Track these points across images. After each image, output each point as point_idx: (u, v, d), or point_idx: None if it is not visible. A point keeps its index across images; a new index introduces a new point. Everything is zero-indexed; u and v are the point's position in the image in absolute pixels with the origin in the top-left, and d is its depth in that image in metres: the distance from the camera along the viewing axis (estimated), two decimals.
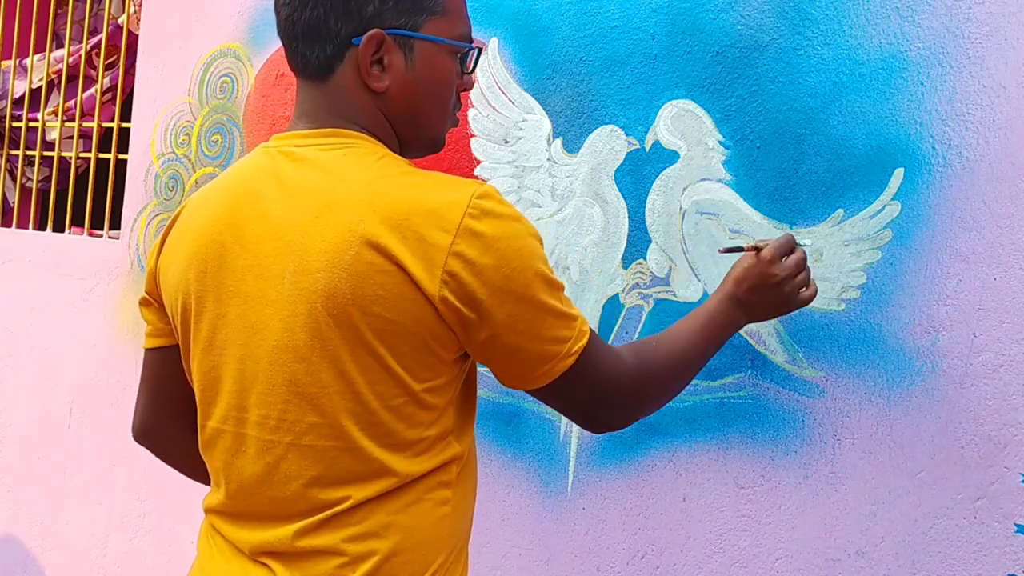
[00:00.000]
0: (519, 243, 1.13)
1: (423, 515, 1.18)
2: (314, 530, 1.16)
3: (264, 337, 1.17)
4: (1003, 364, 1.55)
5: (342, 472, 1.16)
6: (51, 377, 2.98)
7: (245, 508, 1.21)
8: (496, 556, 2.06)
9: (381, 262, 1.10)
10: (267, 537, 1.18)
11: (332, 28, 1.18)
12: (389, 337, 1.12)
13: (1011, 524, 1.54)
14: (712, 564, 1.81)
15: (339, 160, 1.18)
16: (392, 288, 1.10)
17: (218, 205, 1.23)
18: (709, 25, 1.85)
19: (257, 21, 2.59)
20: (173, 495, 2.64)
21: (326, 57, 1.20)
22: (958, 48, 1.61)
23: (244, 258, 1.19)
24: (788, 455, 1.74)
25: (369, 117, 1.22)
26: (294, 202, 1.16)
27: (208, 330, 1.21)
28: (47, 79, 3.25)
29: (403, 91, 1.21)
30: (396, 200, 1.12)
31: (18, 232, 3.22)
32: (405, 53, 1.20)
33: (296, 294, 1.14)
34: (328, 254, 1.12)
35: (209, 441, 1.25)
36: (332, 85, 1.21)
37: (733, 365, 1.79)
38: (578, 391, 1.20)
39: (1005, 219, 1.56)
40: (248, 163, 1.26)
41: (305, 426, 1.16)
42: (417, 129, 1.25)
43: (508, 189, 2.09)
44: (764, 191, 1.78)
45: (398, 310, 1.11)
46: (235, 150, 2.60)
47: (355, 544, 1.15)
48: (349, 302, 1.11)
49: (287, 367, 1.15)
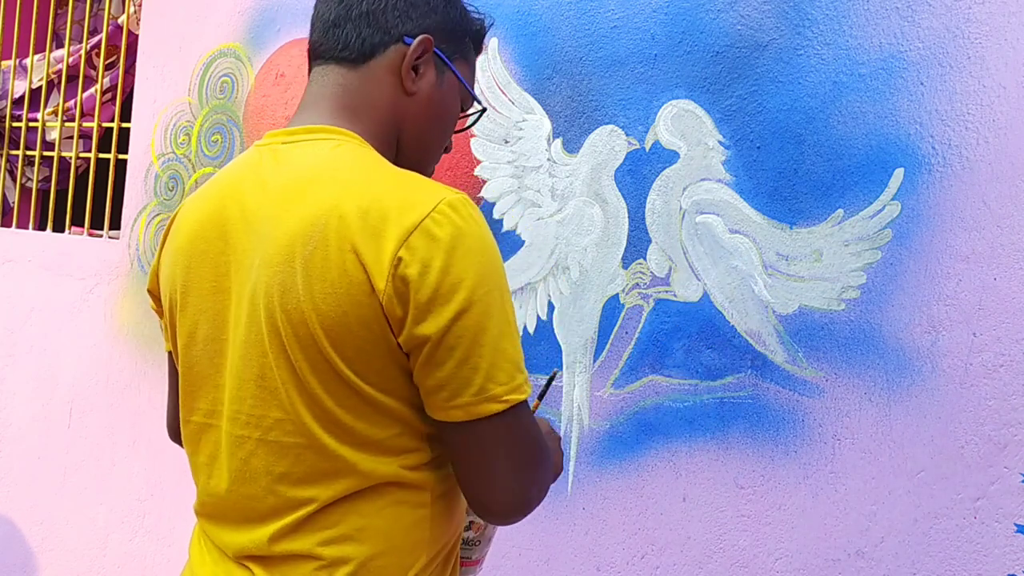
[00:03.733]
0: (476, 257, 1.09)
1: (398, 518, 1.17)
2: (288, 534, 1.16)
3: (237, 332, 1.18)
4: (1003, 364, 1.55)
5: (307, 469, 1.15)
6: (51, 377, 2.98)
7: (224, 507, 1.22)
8: (496, 556, 2.06)
9: (338, 258, 1.09)
10: (245, 540, 1.19)
11: (390, 20, 1.23)
12: (335, 336, 1.10)
13: (1011, 524, 1.54)
14: (712, 564, 1.81)
15: (319, 153, 1.19)
16: (342, 285, 1.09)
17: (207, 202, 1.25)
18: (709, 25, 1.85)
19: (257, 21, 2.59)
20: (173, 495, 2.64)
21: (373, 43, 1.23)
22: (958, 48, 1.61)
23: (226, 254, 1.20)
24: (788, 455, 1.74)
25: (382, 112, 1.24)
26: (268, 196, 1.18)
27: (191, 325, 1.23)
28: (47, 79, 3.25)
29: (425, 102, 1.25)
30: (364, 194, 1.11)
31: (18, 232, 3.22)
32: (438, 73, 1.25)
33: (260, 287, 1.15)
34: (287, 247, 1.12)
35: (193, 436, 1.26)
36: (364, 71, 1.23)
37: (733, 365, 1.79)
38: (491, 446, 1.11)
39: (1005, 219, 1.56)
40: (239, 161, 1.28)
41: (271, 421, 1.16)
42: (417, 146, 1.27)
43: (508, 189, 2.09)
44: (764, 191, 1.78)
45: (345, 308, 1.09)
46: (235, 150, 2.60)
47: (330, 548, 1.15)
48: (301, 298, 1.11)
49: (254, 361, 1.16)
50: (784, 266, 1.76)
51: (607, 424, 1.94)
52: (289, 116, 2.50)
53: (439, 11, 1.26)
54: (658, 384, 1.87)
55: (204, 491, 1.25)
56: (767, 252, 1.77)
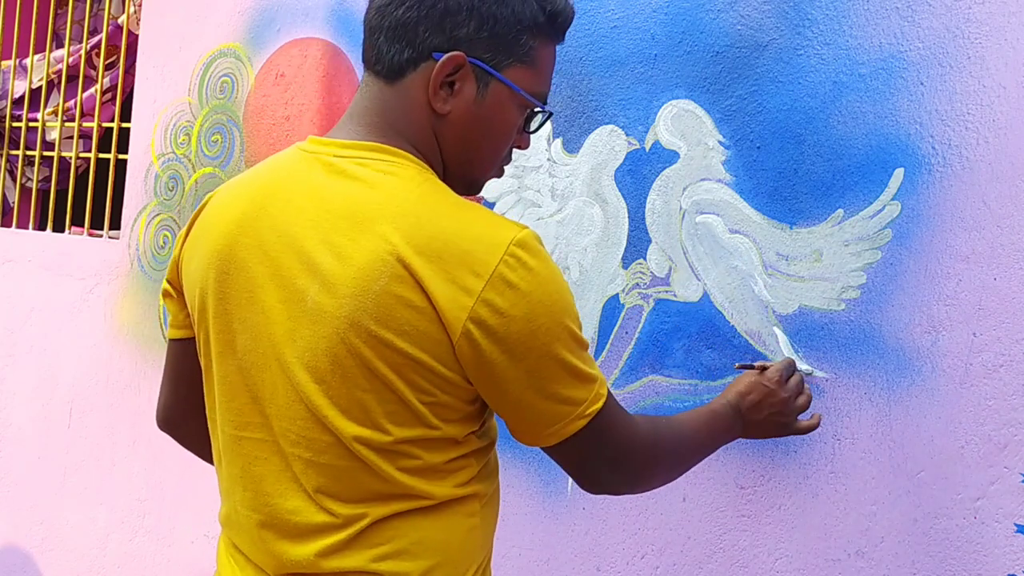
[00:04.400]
0: (552, 299, 1.11)
1: (452, 529, 1.16)
2: (340, 550, 1.13)
3: (284, 352, 1.14)
4: (1003, 364, 1.55)
5: (362, 491, 1.13)
6: (51, 377, 2.98)
7: (260, 518, 1.18)
8: (496, 556, 2.05)
9: (409, 296, 1.08)
10: (289, 556, 1.15)
11: (419, 35, 1.15)
12: (408, 372, 1.10)
13: (1011, 524, 1.54)
14: (712, 564, 1.81)
15: (379, 180, 1.13)
16: (416, 324, 1.08)
17: (247, 204, 1.20)
18: (709, 25, 1.85)
19: (257, 21, 2.59)
20: (173, 495, 2.64)
21: (402, 60, 1.16)
22: (958, 48, 1.61)
23: (265, 265, 1.16)
24: (788, 455, 1.74)
25: (421, 133, 1.18)
26: (325, 217, 1.13)
27: (227, 334, 1.19)
28: (47, 79, 3.25)
29: (463, 122, 1.18)
30: (433, 232, 1.09)
31: (18, 232, 3.22)
32: (479, 86, 1.17)
33: (319, 315, 1.11)
34: (357, 280, 1.09)
35: (226, 447, 1.22)
36: (398, 89, 1.18)
37: (733, 365, 1.79)
38: (585, 452, 1.17)
39: (1005, 219, 1.56)
40: (282, 165, 1.22)
41: (323, 444, 1.13)
42: (464, 163, 1.22)
43: (508, 189, 2.09)
44: (764, 191, 1.78)
45: (420, 347, 1.09)
46: (235, 150, 2.60)
47: (386, 563, 1.13)
48: (372, 332, 1.09)
49: (305, 387, 1.13)
50: (784, 266, 1.76)
51: None
52: (289, 116, 2.50)
53: (483, 15, 1.15)
54: (658, 384, 1.87)
55: (240, 503, 1.21)
56: (767, 252, 1.78)
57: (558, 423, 1.14)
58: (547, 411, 1.14)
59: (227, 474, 1.23)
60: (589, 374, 1.15)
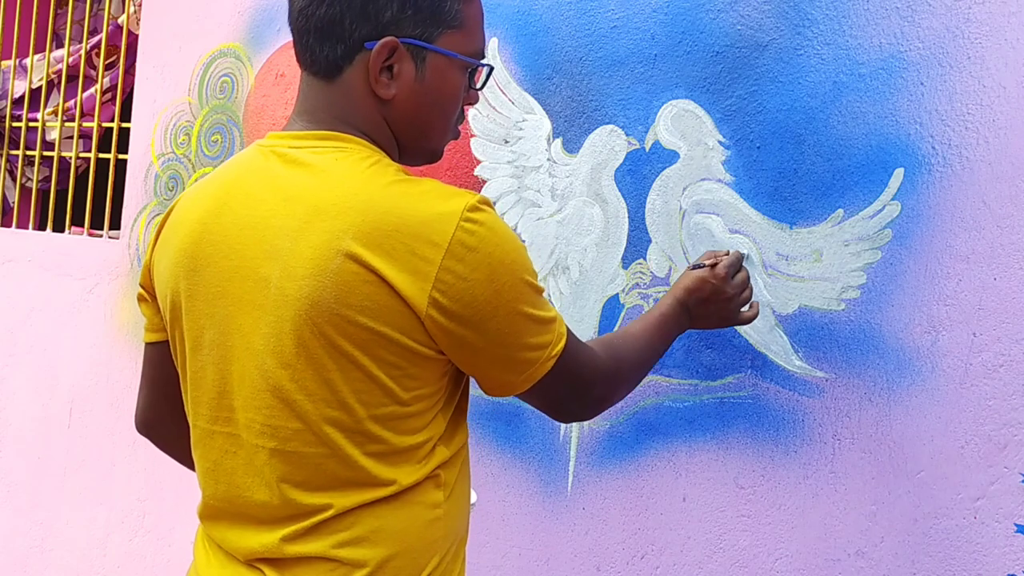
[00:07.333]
0: (511, 256, 1.14)
1: (414, 519, 1.17)
2: (301, 536, 1.15)
3: (251, 341, 1.16)
4: (1003, 364, 1.55)
5: (328, 479, 1.15)
6: (51, 377, 2.98)
7: (233, 510, 1.21)
8: (496, 556, 2.06)
9: (365, 273, 1.10)
10: (256, 543, 1.18)
11: (346, 28, 1.16)
12: (373, 347, 1.11)
13: (1011, 524, 1.54)
14: (712, 564, 1.81)
15: (331, 164, 1.16)
16: (377, 299, 1.10)
17: (209, 202, 1.22)
18: (709, 25, 1.85)
19: (257, 21, 2.59)
20: (173, 495, 2.64)
21: (336, 57, 1.18)
22: (958, 48, 1.61)
23: (231, 259, 1.18)
24: (788, 455, 1.74)
25: (371, 122, 1.20)
26: (283, 206, 1.15)
27: (196, 330, 1.21)
28: (47, 79, 3.25)
29: (409, 101, 1.20)
30: (384, 211, 1.11)
31: (18, 232, 3.22)
32: (416, 63, 1.18)
33: (282, 300, 1.13)
34: (313, 261, 1.11)
35: (199, 441, 1.25)
36: (338, 85, 1.19)
37: (733, 365, 1.79)
38: (554, 389, 1.23)
39: (1005, 219, 1.56)
40: (242, 161, 1.25)
41: (289, 432, 1.15)
42: (419, 139, 1.24)
43: (508, 189, 2.09)
44: (764, 191, 1.78)
45: (383, 320, 1.10)
46: (235, 150, 2.60)
47: (345, 550, 1.15)
48: (334, 311, 1.10)
49: (272, 372, 1.14)
50: (784, 266, 1.76)
51: (607, 424, 1.94)
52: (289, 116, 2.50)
53: None
54: (658, 384, 1.88)
55: (211, 495, 1.24)
56: (767, 252, 1.78)
57: (529, 369, 1.18)
58: (519, 361, 1.18)
59: (202, 468, 1.26)
60: (549, 317, 1.19)
